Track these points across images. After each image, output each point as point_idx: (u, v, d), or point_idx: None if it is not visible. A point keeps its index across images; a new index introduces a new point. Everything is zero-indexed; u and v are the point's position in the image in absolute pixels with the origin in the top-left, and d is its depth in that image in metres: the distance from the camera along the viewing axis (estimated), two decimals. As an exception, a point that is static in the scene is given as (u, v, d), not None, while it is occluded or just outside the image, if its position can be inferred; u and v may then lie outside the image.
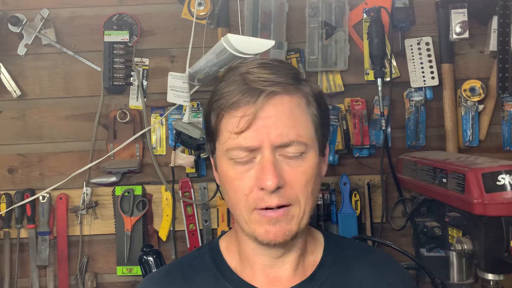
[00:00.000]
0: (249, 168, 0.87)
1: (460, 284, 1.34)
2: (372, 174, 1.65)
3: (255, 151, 0.86)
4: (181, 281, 0.98)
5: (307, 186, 0.88)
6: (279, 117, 0.86)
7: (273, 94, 0.86)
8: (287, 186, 0.86)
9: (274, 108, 0.86)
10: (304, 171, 0.87)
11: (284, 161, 0.87)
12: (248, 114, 0.85)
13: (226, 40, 1.23)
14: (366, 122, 1.63)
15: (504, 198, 1.13)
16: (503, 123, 1.66)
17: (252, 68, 0.88)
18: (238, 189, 0.88)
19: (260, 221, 0.87)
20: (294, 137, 0.86)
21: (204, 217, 1.65)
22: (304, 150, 0.87)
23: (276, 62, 0.92)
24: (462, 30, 1.58)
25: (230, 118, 0.87)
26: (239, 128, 0.85)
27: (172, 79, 1.53)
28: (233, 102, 0.86)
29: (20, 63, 1.67)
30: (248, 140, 0.85)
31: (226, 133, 0.88)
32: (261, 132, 0.85)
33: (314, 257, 0.98)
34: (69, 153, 1.68)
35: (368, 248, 1.09)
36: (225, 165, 0.90)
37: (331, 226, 1.63)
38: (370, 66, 1.63)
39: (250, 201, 0.87)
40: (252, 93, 0.85)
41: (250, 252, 0.95)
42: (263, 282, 0.95)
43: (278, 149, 0.86)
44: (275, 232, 0.87)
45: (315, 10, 1.63)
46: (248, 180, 0.87)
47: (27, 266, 1.66)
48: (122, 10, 1.66)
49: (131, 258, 1.63)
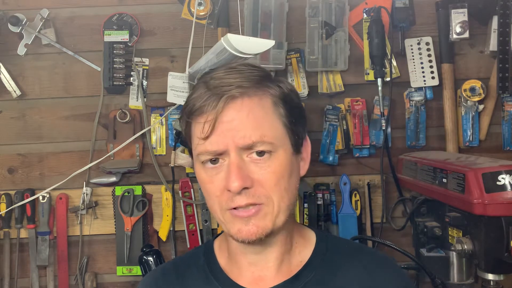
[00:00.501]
0: (219, 171, 0.89)
1: (460, 284, 1.34)
2: (372, 174, 1.65)
3: (223, 154, 0.88)
4: (175, 279, 1.01)
5: (278, 184, 0.89)
6: (241, 120, 0.87)
7: (232, 98, 0.87)
8: (257, 186, 0.88)
9: (235, 111, 0.88)
10: (273, 170, 0.89)
11: (252, 162, 0.88)
12: (210, 119, 0.87)
13: (226, 40, 1.23)
14: (366, 122, 1.63)
15: (504, 198, 1.13)
16: (503, 123, 1.66)
17: (216, 73, 0.90)
18: (210, 191, 0.91)
19: (233, 221, 0.90)
20: (257, 138, 0.87)
21: (204, 217, 1.65)
22: (272, 149, 0.89)
23: (242, 66, 0.93)
24: (462, 30, 1.58)
25: (196, 124, 0.90)
26: (204, 134, 0.88)
27: (172, 79, 1.53)
28: (197, 109, 0.89)
29: (20, 63, 1.67)
30: (213, 144, 0.88)
31: (195, 139, 0.91)
32: (225, 135, 0.87)
33: (301, 257, 0.98)
34: (69, 153, 1.68)
35: (361, 249, 1.07)
36: (198, 169, 0.93)
37: (331, 226, 1.63)
38: (370, 66, 1.63)
39: (222, 202, 0.90)
40: (213, 98, 0.87)
41: (235, 251, 0.98)
42: (248, 281, 0.96)
43: (244, 151, 0.88)
44: (247, 230, 0.89)
45: (315, 10, 1.63)
46: (218, 182, 0.89)
47: (27, 266, 1.66)
48: (122, 10, 1.66)
49: (131, 258, 1.63)
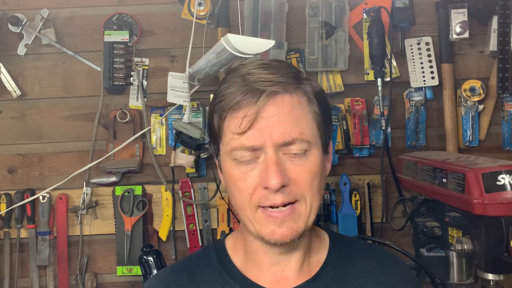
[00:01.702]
0: (252, 168, 0.88)
1: (460, 284, 1.34)
2: (372, 174, 1.65)
3: (258, 150, 0.87)
4: (186, 280, 0.98)
5: (312, 183, 0.89)
6: (280, 116, 0.87)
7: (273, 94, 0.87)
8: (292, 184, 0.87)
9: (276, 108, 0.87)
10: (309, 168, 0.88)
11: (288, 159, 0.87)
12: (250, 114, 0.86)
13: (226, 40, 1.23)
14: (366, 122, 1.63)
15: (504, 198, 1.13)
16: (503, 123, 1.66)
17: (252, 69, 0.89)
18: (243, 188, 0.89)
19: (265, 221, 0.88)
20: (296, 135, 0.87)
21: (204, 217, 1.65)
22: (307, 148, 0.88)
23: (276, 62, 0.92)
24: (462, 30, 1.58)
25: (232, 119, 0.88)
26: (242, 129, 0.86)
27: (172, 79, 1.53)
28: (234, 103, 0.87)
29: (20, 63, 1.67)
30: (250, 140, 0.86)
31: (228, 134, 0.89)
32: (263, 131, 0.86)
33: (318, 257, 0.99)
34: (69, 153, 1.68)
35: (373, 248, 1.10)
36: (229, 166, 0.91)
37: (331, 226, 1.63)
38: (370, 66, 1.63)
39: (254, 200, 0.88)
40: (253, 94, 0.86)
41: (256, 251, 0.96)
42: (269, 281, 0.95)
43: (281, 148, 0.87)
44: (281, 233, 0.88)
45: (315, 10, 1.63)
46: (252, 179, 0.87)
47: (27, 266, 1.66)
48: (122, 10, 1.66)
49: (131, 258, 1.63)
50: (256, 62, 0.92)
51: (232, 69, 0.94)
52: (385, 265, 1.00)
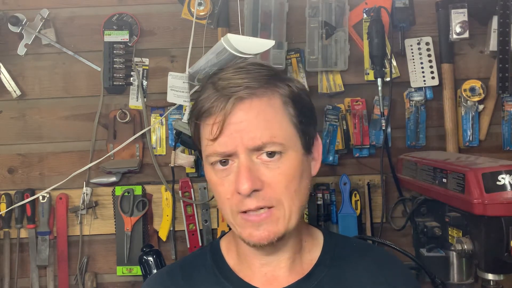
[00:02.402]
0: (228, 173, 0.89)
1: (460, 284, 1.34)
2: (372, 174, 1.65)
3: (232, 156, 0.87)
4: (182, 281, 0.99)
5: (288, 187, 0.88)
6: (250, 121, 0.86)
7: (240, 99, 0.87)
8: (267, 188, 0.87)
9: (243, 112, 0.87)
10: (283, 172, 0.88)
11: (263, 163, 0.87)
12: (219, 120, 0.86)
13: (226, 40, 1.23)
14: (366, 122, 1.63)
15: (504, 198, 1.13)
16: (503, 123, 1.66)
17: (224, 74, 0.90)
18: (221, 193, 0.90)
19: (244, 225, 0.89)
20: (267, 139, 0.86)
21: (204, 217, 1.65)
22: (282, 150, 0.88)
23: (251, 66, 0.92)
24: (462, 30, 1.58)
25: (205, 125, 0.90)
26: (213, 135, 0.87)
27: (172, 79, 1.53)
28: (205, 110, 0.88)
29: (20, 63, 1.67)
30: (222, 146, 0.87)
31: (204, 141, 0.91)
32: (234, 137, 0.86)
33: (311, 256, 0.99)
34: (69, 153, 1.68)
35: (369, 247, 1.09)
36: (208, 171, 0.92)
37: (331, 226, 1.63)
38: (370, 66, 1.63)
39: (232, 205, 0.89)
40: (221, 100, 0.87)
41: (246, 252, 0.97)
42: (261, 281, 0.96)
43: (254, 152, 0.87)
44: (259, 235, 0.88)
45: (315, 10, 1.63)
46: (228, 184, 0.88)
47: (27, 266, 1.66)
48: (122, 10, 1.66)
49: (131, 258, 1.63)
50: (232, 66, 0.92)
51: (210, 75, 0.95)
52: (382, 265, 1.00)
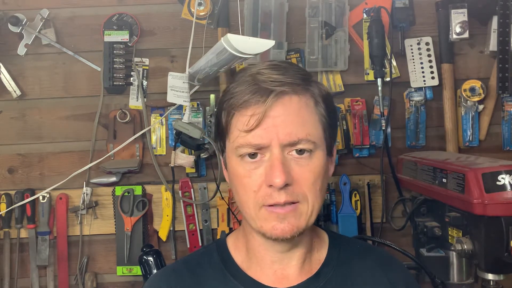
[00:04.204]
0: (258, 166, 0.89)
1: (460, 284, 1.34)
2: (372, 174, 1.65)
3: (264, 149, 0.88)
4: (189, 278, 0.99)
5: (315, 184, 0.90)
6: (288, 116, 0.88)
7: (282, 94, 0.88)
8: (295, 184, 0.88)
9: (283, 108, 0.88)
10: (312, 169, 0.89)
11: (293, 159, 0.89)
12: (258, 112, 0.87)
13: (226, 40, 1.23)
14: (366, 122, 1.63)
15: (504, 198, 1.13)
16: (503, 123, 1.66)
17: (262, 69, 0.91)
18: (247, 186, 0.90)
19: (268, 218, 0.89)
20: (302, 135, 0.88)
21: (204, 217, 1.65)
22: (313, 149, 0.90)
23: (285, 64, 0.95)
24: (462, 30, 1.58)
25: (240, 116, 0.90)
26: (249, 126, 0.88)
27: (172, 79, 1.53)
28: (243, 101, 0.89)
29: (20, 63, 1.67)
30: (257, 138, 0.88)
31: (236, 131, 0.91)
32: (270, 130, 0.87)
33: (319, 255, 1.00)
34: (69, 153, 1.68)
35: (371, 248, 1.12)
36: (234, 163, 0.92)
37: (331, 226, 1.63)
38: (370, 66, 1.63)
39: (258, 198, 0.89)
40: (262, 93, 0.88)
41: (258, 248, 0.97)
42: (271, 279, 0.96)
43: (286, 147, 0.88)
44: (282, 228, 0.89)
45: (315, 10, 1.63)
46: (257, 177, 0.89)
47: (27, 266, 1.66)
48: (122, 10, 1.66)
49: (131, 258, 1.63)
50: (266, 63, 0.94)
51: (242, 69, 0.97)
52: (383, 265, 1.02)
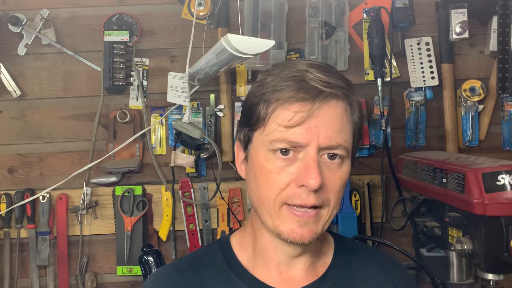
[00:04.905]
0: (289, 164, 0.86)
1: (460, 284, 1.34)
2: (372, 174, 1.65)
3: (300, 147, 0.86)
4: (191, 277, 0.96)
5: (340, 192, 0.89)
6: (331, 120, 0.86)
7: (330, 97, 0.86)
8: (324, 188, 0.86)
9: (329, 110, 0.86)
10: (341, 176, 0.88)
11: (324, 163, 0.87)
12: (304, 110, 0.85)
13: (226, 40, 1.23)
14: (366, 122, 1.63)
15: (504, 198, 1.13)
16: (503, 123, 1.66)
17: (309, 67, 0.88)
18: (274, 182, 0.87)
19: (288, 219, 0.87)
20: (341, 141, 0.86)
21: (204, 217, 1.65)
22: (345, 156, 0.88)
23: (328, 66, 0.92)
24: (462, 30, 1.58)
25: (283, 110, 0.86)
26: (291, 123, 0.85)
27: (172, 79, 1.53)
28: (290, 96, 0.86)
29: (20, 63, 1.67)
30: (297, 135, 0.85)
31: (274, 125, 0.87)
32: (312, 131, 0.85)
33: (325, 259, 0.99)
34: (69, 153, 1.68)
35: (373, 251, 1.11)
36: (262, 156, 0.89)
37: (331, 226, 1.62)
38: (370, 66, 1.63)
39: (283, 195, 0.86)
40: (310, 92, 0.85)
41: (266, 247, 0.95)
42: (276, 280, 0.94)
43: (322, 150, 0.86)
44: (302, 233, 0.87)
45: (315, 10, 1.63)
46: (287, 175, 0.86)
47: (27, 266, 1.66)
48: (122, 10, 1.66)
49: (131, 258, 1.63)
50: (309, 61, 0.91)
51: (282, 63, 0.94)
52: (387, 268, 1.02)
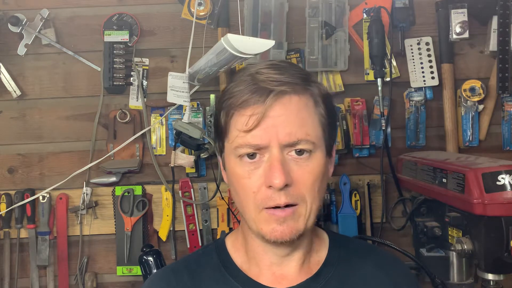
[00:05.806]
0: (257, 167, 0.88)
1: (460, 284, 1.34)
2: (372, 174, 1.65)
3: (263, 149, 0.87)
4: (188, 279, 0.98)
5: (313, 186, 0.89)
6: (287, 116, 0.87)
7: (281, 94, 0.87)
8: (294, 185, 0.87)
9: (283, 107, 0.87)
10: (311, 170, 0.88)
11: (292, 160, 0.88)
12: (257, 112, 0.86)
13: (226, 40, 1.23)
14: (366, 122, 1.63)
15: (504, 198, 1.13)
16: (503, 123, 1.66)
17: (261, 68, 0.90)
18: (246, 187, 0.89)
19: (268, 220, 0.88)
20: (302, 136, 0.87)
21: (204, 217, 1.65)
22: (312, 149, 0.88)
23: (285, 63, 0.93)
24: (462, 30, 1.58)
25: (239, 116, 0.88)
26: (248, 126, 0.86)
27: (172, 79, 1.53)
28: (242, 101, 0.88)
29: (20, 63, 1.67)
30: (256, 138, 0.86)
31: (235, 131, 0.89)
32: (269, 130, 0.86)
33: (319, 256, 0.99)
34: (69, 153, 1.68)
35: (372, 248, 1.11)
36: (233, 163, 0.91)
37: (331, 226, 1.63)
38: (370, 66, 1.63)
39: (258, 200, 0.88)
40: (261, 93, 0.86)
41: (257, 250, 0.96)
42: (270, 280, 0.96)
43: (286, 148, 0.87)
44: (282, 230, 0.88)
45: (315, 10, 1.63)
46: (257, 178, 0.88)
47: (27, 266, 1.66)
48: (122, 10, 1.66)
49: (131, 258, 1.63)
50: (266, 62, 0.93)
51: (241, 68, 0.95)
52: (385, 265, 1.01)
